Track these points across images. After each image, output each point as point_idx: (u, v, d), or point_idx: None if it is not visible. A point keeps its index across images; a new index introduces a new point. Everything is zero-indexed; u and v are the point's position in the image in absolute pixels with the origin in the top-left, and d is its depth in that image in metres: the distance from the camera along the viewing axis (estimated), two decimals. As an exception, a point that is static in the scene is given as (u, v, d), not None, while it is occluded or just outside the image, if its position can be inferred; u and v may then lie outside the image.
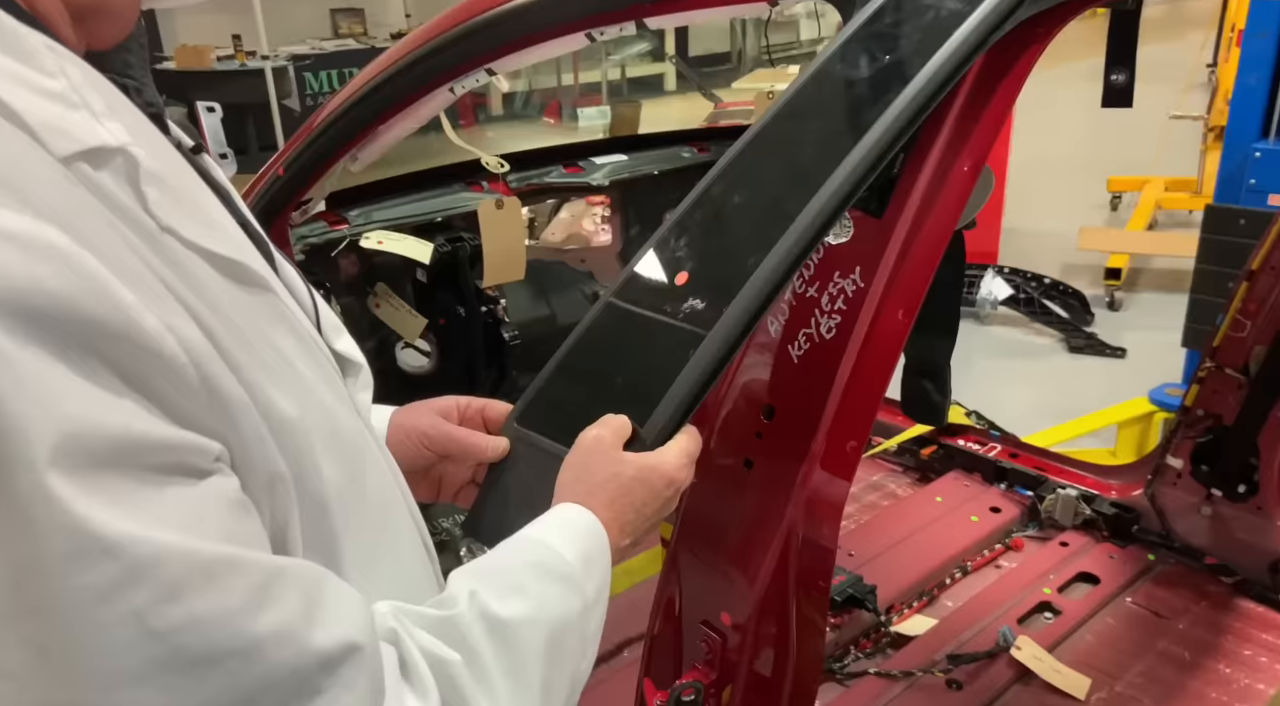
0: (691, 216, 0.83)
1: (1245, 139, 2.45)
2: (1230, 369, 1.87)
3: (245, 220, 0.61)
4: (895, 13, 0.75)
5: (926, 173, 0.77)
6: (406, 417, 0.83)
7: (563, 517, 0.69)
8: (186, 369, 0.45)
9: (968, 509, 2.26)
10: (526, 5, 1.05)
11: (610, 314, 0.83)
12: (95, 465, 0.41)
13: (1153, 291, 4.41)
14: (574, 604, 0.64)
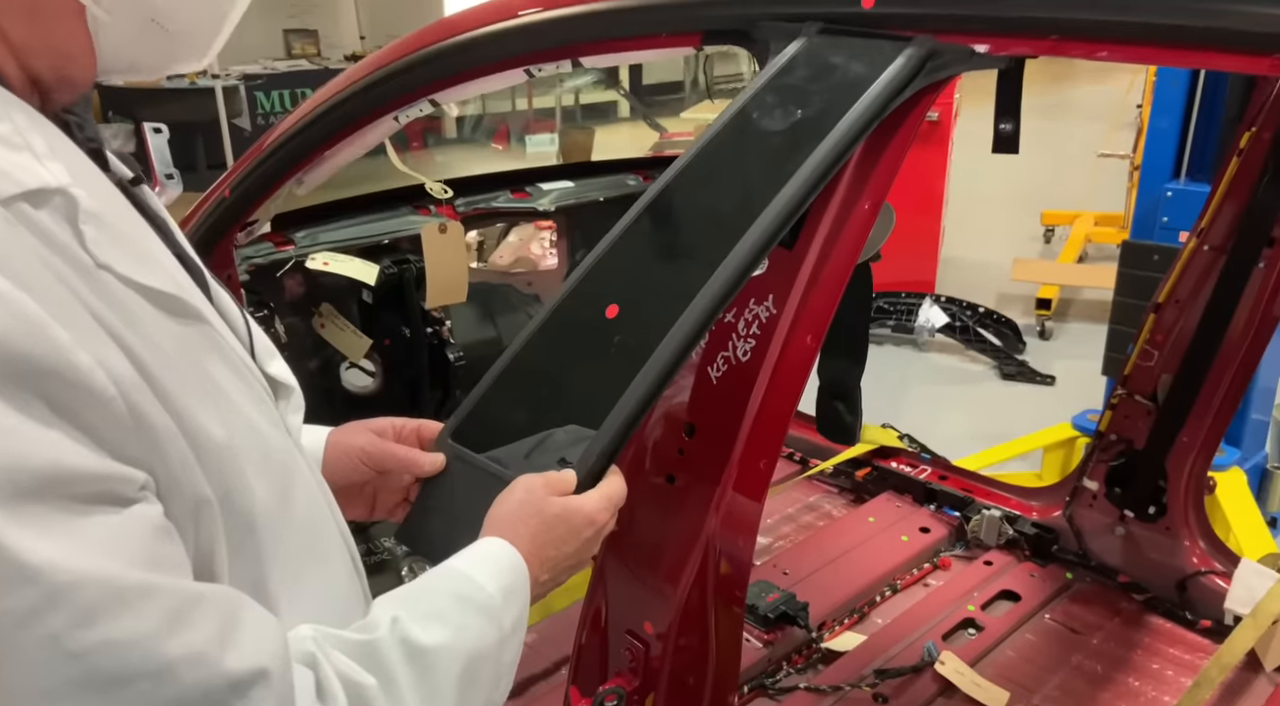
0: (623, 248, 0.88)
1: (1159, 179, 2.60)
2: (1140, 396, 1.98)
3: (182, 251, 0.65)
4: (805, 68, 0.82)
5: (832, 210, 0.83)
6: (344, 436, 0.86)
7: (487, 551, 0.72)
8: (115, 401, 0.48)
9: (898, 529, 2.33)
10: (468, 41, 1.10)
11: (543, 337, 0.87)
12: (22, 496, 0.44)
13: (1082, 321, 4.59)
14: (491, 635, 0.67)
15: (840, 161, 0.79)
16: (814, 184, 0.79)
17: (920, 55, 0.77)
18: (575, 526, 0.76)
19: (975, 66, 0.77)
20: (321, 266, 1.79)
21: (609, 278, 0.84)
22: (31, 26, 0.55)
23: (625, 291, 0.83)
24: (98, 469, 0.47)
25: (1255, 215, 1.69)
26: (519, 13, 1.08)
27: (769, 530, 2.43)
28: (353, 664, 0.59)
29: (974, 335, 4.21)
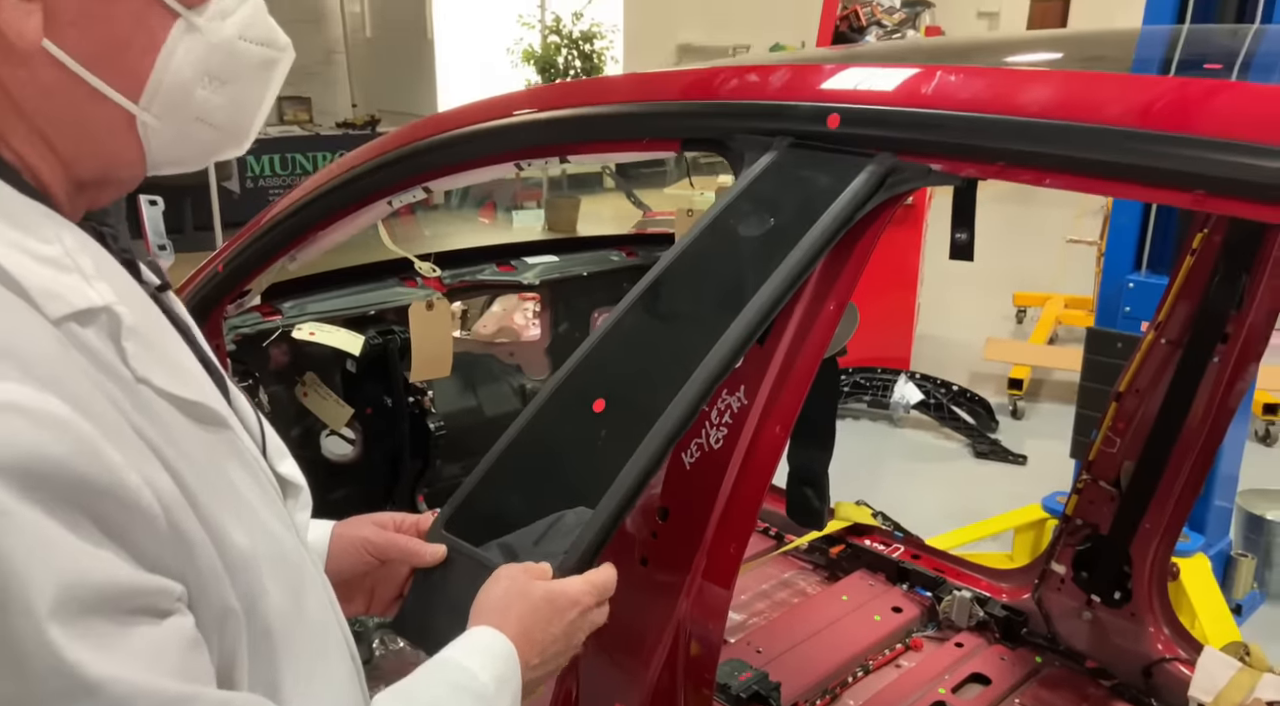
0: (609, 344, 0.93)
1: (1121, 270, 2.70)
2: (1104, 481, 2.03)
3: (204, 355, 0.68)
4: (777, 179, 0.89)
5: (800, 310, 0.88)
6: (348, 529, 0.90)
7: (478, 641, 0.75)
8: (159, 518, 0.52)
9: (871, 608, 2.35)
10: (464, 136, 1.17)
11: (532, 430, 0.91)
12: (81, 612, 0.47)
13: (1053, 402, 4.68)
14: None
15: (810, 268, 0.85)
16: (786, 288, 0.85)
17: (881, 172, 0.83)
18: (560, 608, 0.78)
19: (932, 183, 0.84)
20: (308, 336, 1.82)
21: (596, 373, 0.89)
22: (81, 139, 0.59)
23: (612, 387, 0.87)
24: (143, 584, 0.51)
25: (1208, 312, 1.77)
26: (513, 112, 1.14)
27: (743, 607, 2.43)
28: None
29: (948, 413, 4.28)
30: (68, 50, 0.56)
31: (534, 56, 8.45)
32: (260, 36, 0.65)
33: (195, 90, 0.61)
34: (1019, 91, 0.77)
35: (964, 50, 1.25)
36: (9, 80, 0.56)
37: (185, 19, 0.59)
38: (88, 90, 0.57)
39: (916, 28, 4.87)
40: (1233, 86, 0.73)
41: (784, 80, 0.94)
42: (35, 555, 0.45)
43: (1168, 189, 0.68)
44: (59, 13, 0.55)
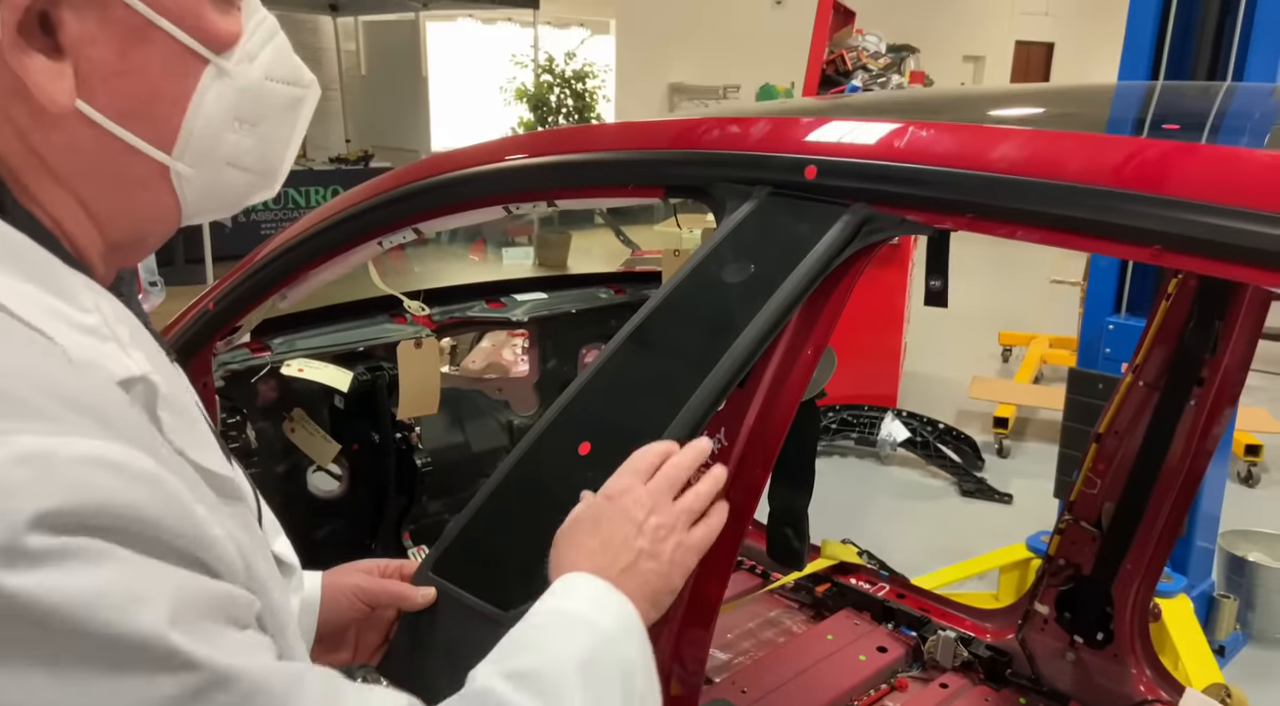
0: (594, 388, 0.95)
1: (1101, 312, 2.74)
2: (1085, 522, 2.04)
3: (213, 427, 0.68)
4: (757, 227, 0.91)
5: (778, 355, 0.91)
6: (338, 577, 0.91)
7: (552, 590, 0.74)
8: (238, 565, 0.54)
9: (856, 647, 2.35)
10: (455, 179, 1.20)
11: (519, 473, 0.93)
12: (199, 618, 0.49)
13: (1038, 441, 4.71)
14: (584, 638, 0.68)
15: (789, 314, 0.88)
16: (766, 333, 0.87)
17: (856, 221, 0.86)
18: (613, 511, 0.77)
19: (906, 232, 0.87)
20: (296, 373, 1.83)
21: (581, 416, 0.91)
22: (116, 197, 0.59)
23: (597, 430, 0.89)
24: (239, 593, 0.53)
25: (1184, 356, 1.81)
26: (503, 158, 1.17)
27: (729, 646, 2.43)
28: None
29: (934, 451, 4.30)
30: (100, 108, 0.56)
31: (526, 95, 8.57)
32: (286, 75, 0.64)
33: (226, 135, 0.61)
34: (986, 148, 0.80)
35: (939, 104, 1.29)
36: (42, 146, 0.55)
37: (214, 64, 0.59)
38: (121, 146, 0.57)
39: (901, 72, 4.97)
40: (1185, 147, 0.76)
41: (764, 132, 0.97)
42: (144, 581, 0.47)
43: (1126, 244, 0.71)
44: (89, 70, 0.55)
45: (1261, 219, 0.64)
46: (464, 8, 9.11)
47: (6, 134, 0.55)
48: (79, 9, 0.53)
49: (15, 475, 0.44)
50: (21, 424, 0.45)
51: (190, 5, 0.57)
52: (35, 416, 0.46)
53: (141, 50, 0.56)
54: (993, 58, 17.47)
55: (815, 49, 4.69)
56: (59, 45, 0.54)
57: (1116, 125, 1.14)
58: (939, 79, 11.84)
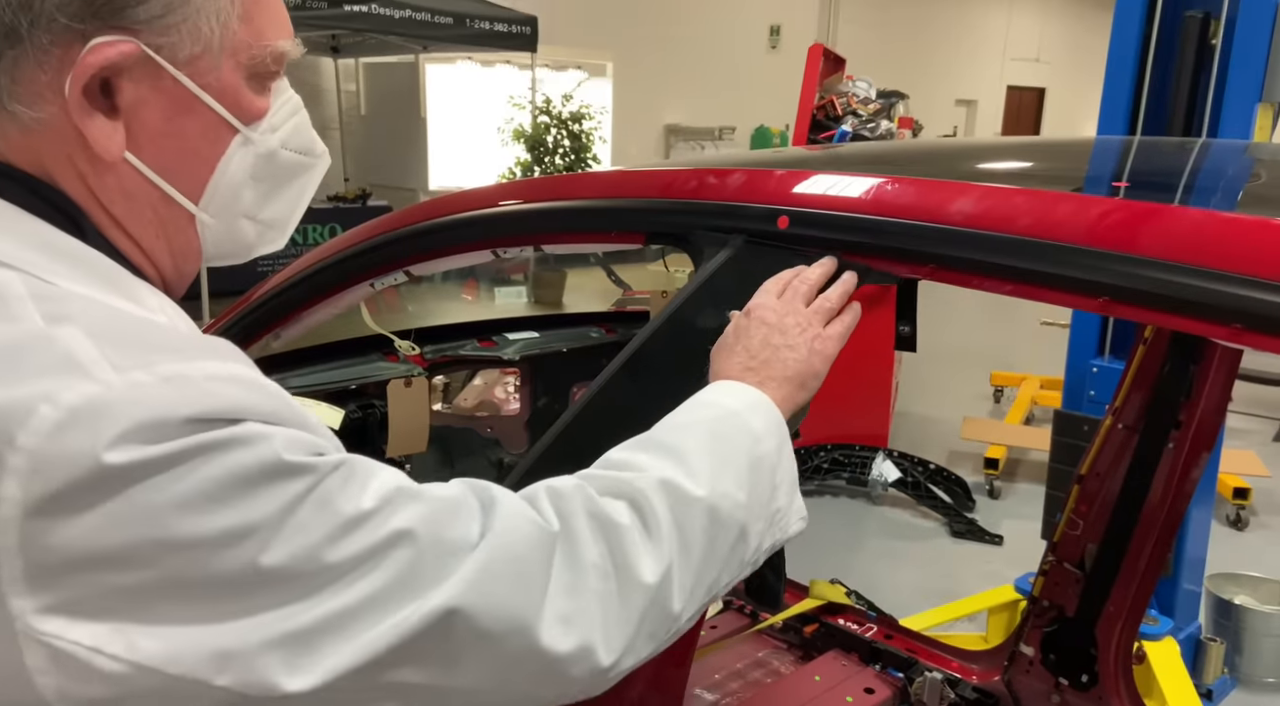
0: (571, 433, 0.98)
1: (1085, 354, 2.78)
2: (1069, 563, 2.06)
3: None
4: (733, 274, 0.95)
5: (752, 396, 0.94)
6: None
7: (698, 397, 0.84)
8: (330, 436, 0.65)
9: (843, 689, 2.34)
10: (443, 224, 1.24)
11: None
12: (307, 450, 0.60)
13: (1029, 482, 4.72)
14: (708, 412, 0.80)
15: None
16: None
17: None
18: (749, 322, 0.88)
19: (873, 281, 0.90)
20: (289, 410, 1.86)
21: (561, 459, 0.94)
22: (155, 235, 0.70)
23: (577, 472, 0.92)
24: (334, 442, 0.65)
25: (1161, 400, 1.84)
26: (491, 204, 1.22)
27: (716, 686, 2.42)
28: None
29: (925, 491, 4.31)
30: (145, 161, 0.67)
31: (524, 136, 8.69)
32: (301, 146, 0.75)
33: (243, 192, 0.72)
34: (945, 202, 0.84)
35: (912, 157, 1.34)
36: (99, 189, 0.66)
37: (243, 134, 0.70)
38: (160, 194, 0.68)
39: (891, 117, 5.07)
40: (1129, 205, 0.80)
41: (740, 183, 1.02)
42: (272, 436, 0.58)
43: (1077, 295, 0.74)
44: (140, 130, 0.66)
45: (1200, 274, 0.68)
46: (463, 50, 9.27)
47: (72, 177, 0.66)
48: (136, 79, 0.64)
49: (164, 391, 0.55)
50: (160, 356, 0.57)
51: (231, 85, 0.68)
52: (168, 350, 0.58)
53: (185, 118, 0.67)
54: (985, 102, 17.79)
55: (805, 95, 4.79)
56: (116, 106, 0.65)
57: (1072, 181, 1.18)
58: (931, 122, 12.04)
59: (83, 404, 0.53)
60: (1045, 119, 18.86)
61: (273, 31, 0.70)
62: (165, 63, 0.65)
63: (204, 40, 0.66)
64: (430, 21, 7.55)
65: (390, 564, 0.59)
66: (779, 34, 13.25)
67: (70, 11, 0.61)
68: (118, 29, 0.62)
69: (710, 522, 0.72)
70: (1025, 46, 17.95)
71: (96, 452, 0.52)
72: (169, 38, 0.64)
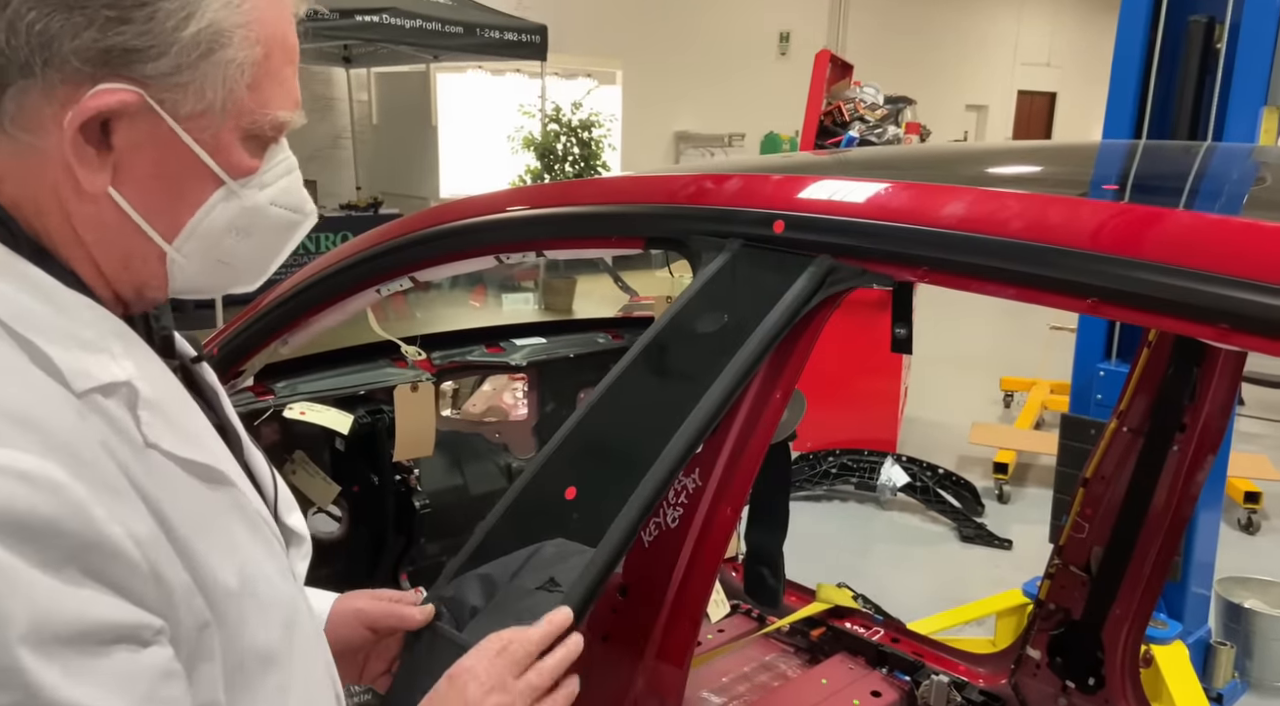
0: (579, 436, 1.00)
1: (1092, 358, 2.78)
2: (1075, 567, 2.06)
3: (224, 421, 0.78)
4: (730, 277, 0.97)
5: (748, 399, 0.95)
6: (346, 601, 0.98)
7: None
8: (139, 563, 0.60)
9: (850, 692, 2.35)
10: (446, 231, 1.26)
11: (511, 515, 0.98)
12: (57, 642, 0.55)
13: (1039, 487, 4.71)
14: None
15: (759, 361, 0.93)
16: (739, 379, 0.92)
17: (821, 273, 0.92)
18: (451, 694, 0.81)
19: (868, 283, 0.92)
20: (298, 416, 1.88)
21: (567, 462, 0.96)
22: (121, 264, 0.70)
23: (581, 475, 0.94)
24: (122, 618, 0.59)
25: (1165, 403, 1.84)
26: (497, 210, 1.24)
27: (724, 690, 2.43)
28: None
29: (934, 496, 4.31)
30: (127, 198, 0.67)
31: (534, 143, 8.73)
32: (290, 204, 0.75)
33: (223, 240, 0.72)
34: (937, 205, 0.86)
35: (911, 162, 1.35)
36: (75, 213, 0.67)
37: (228, 186, 0.70)
38: (134, 228, 0.68)
39: (898, 123, 5.08)
40: (1118, 208, 0.81)
41: (736, 188, 1.03)
42: (13, 594, 0.54)
43: (1067, 296, 0.76)
44: (128, 171, 0.67)
45: (1185, 274, 0.69)
46: (474, 59, 9.33)
47: (51, 200, 0.67)
48: (135, 125, 0.65)
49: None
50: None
51: (225, 142, 0.69)
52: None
53: (174, 165, 0.68)
54: (995, 107, 17.76)
55: (813, 101, 4.80)
56: (110, 145, 0.66)
57: (1065, 185, 1.19)
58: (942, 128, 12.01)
59: None
60: (1056, 124, 18.81)
61: (277, 102, 0.71)
62: (166, 116, 0.66)
63: (208, 101, 0.67)
64: (441, 31, 7.61)
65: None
66: (788, 40, 13.27)
67: (86, 57, 0.62)
68: (126, 78, 0.64)
69: None
70: (1036, 51, 17.92)
71: None
72: (174, 94, 0.65)
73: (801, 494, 4.42)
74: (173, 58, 0.64)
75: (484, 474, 2.58)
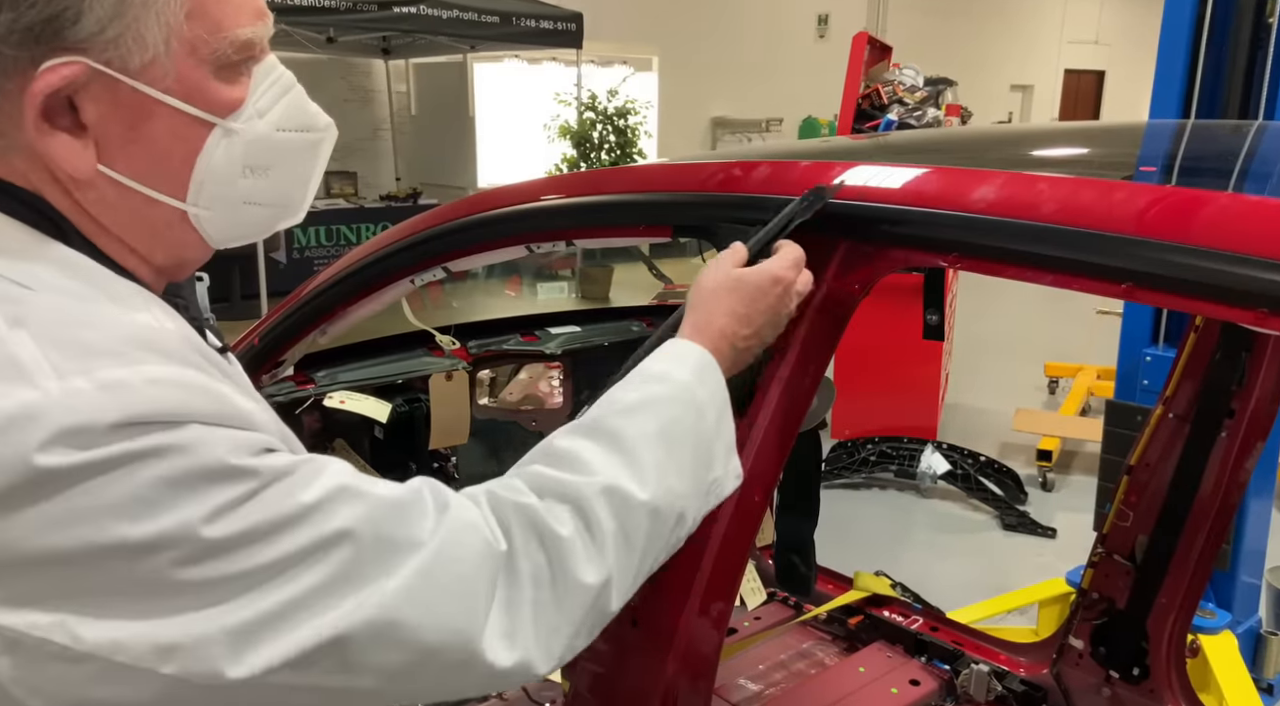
0: None
1: (1138, 343, 2.72)
2: (1119, 555, 2.03)
3: None
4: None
5: (777, 385, 0.95)
6: None
7: (672, 351, 0.86)
8: (271, 425, 0.68)
9: (889, 680, 2.33)
10: (478, 221, 1.27)
11: None
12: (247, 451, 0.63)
13: (1084, 474, 4.62)
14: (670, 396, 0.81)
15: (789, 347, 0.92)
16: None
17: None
18: (764, 288, 0.88)
19: (898, 269, 0.91)
20: (338, 404, 1.91)
21: None
22: (148, 236, 0.70)
23: None
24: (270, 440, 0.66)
25: (1212, 389, 1.80)
26: (528, 200, 1.24)
27: (760, 677, 2.43)
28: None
29: (975, 484, 4.25)
30: (119, 170, 0.66)
31: (570, 132, 8.73)
32: (300, 124, 0.73)
33: (238, 181, 0.70)
34: (967, 189, 0.84)
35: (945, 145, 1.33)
36: (83, 201, 0.67)
37: (220, 127, 0.68)
38: (143, 197, 0.68)
39: (938, 105, 4.99)
40: (1152, 190, 0.79)
41: (764, 175, 1.02)
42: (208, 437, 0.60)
43: (1101, 280, 0.74)
44: (108, 143, 0.65)
45: (1223, 258, 0.67)
46: (510, 49, 9.34)
47: (57, 192, 0.66)
48: (95, 96, 0.64)
49: (102, 397, 0.57)
50: (104, 361, 0.59)
51: (194, 81, 0.66)
52: (113, 354, 0.59)
53: (149, 123, 0.66)
54: (1041, 87, 17.35)
55: (850, 85, 4.74)
56: (82, 124, 0.64)
57: (1104, 167, 1.17)
58: (986, 109, 11.76)
59: (18, 410, 0.55)
60: (1105, 103, 18.33)
61: (231, 20, 0.66)
62: (118, 74, 0.63)
63: (151, 46, 0.63)
64: (478, 21, 7.64)
65: (330, 561, 0.61)
66: (827, 23, 13.10)
67: (13, 42, 0.60)
68: (62, 50, 0.61)
69: (653, 522, 0.75)
70: (1083, 28, 17.46)
71: (28, 456, 0.54)
72: (116, 51, 0.63)
73: (839, 481, 4.39)
74: (94, 14, 0.61)
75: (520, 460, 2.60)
